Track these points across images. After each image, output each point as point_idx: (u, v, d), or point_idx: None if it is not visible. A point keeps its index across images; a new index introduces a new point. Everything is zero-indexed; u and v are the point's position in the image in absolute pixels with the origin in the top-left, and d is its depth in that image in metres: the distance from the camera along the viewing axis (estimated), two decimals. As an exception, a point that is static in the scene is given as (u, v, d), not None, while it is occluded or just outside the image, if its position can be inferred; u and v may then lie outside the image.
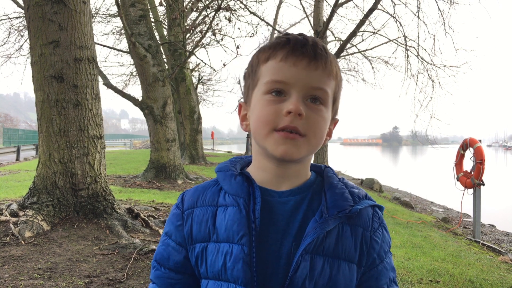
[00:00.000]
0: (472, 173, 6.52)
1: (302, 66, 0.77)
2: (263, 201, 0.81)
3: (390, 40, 12.70)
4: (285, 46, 0.79)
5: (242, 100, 0.90)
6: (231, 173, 0.86)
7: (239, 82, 20.54)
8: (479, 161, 6.31)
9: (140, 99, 9.22)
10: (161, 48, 10.53)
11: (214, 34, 10.41)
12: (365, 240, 0.82)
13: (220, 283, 0.79)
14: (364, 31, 12.45)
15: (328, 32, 12.70)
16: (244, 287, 0.76)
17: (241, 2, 10.59)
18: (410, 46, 12.52)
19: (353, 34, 11.16)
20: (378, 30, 12.63)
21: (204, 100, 26.55)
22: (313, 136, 0.78)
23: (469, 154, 6.80)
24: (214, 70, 23.78)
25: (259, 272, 0.77)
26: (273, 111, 0.77)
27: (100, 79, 7.31)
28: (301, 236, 0.79)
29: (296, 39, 0.79)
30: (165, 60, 12.51)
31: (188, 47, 13.86)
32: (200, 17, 14.67)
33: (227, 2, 9.80)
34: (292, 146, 0.77)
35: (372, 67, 16.14)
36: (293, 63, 0.77)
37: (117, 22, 15.97)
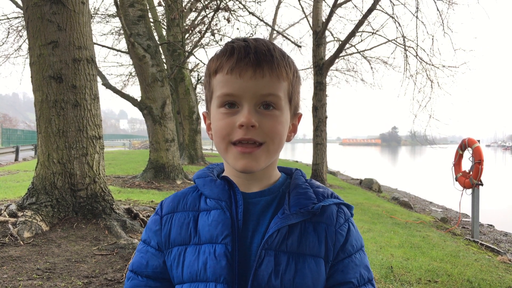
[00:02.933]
0: (471, 173, 6.53)
1: (248, 77, 0.77)
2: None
3: (389, 41, 12.71)
4: (230, 57, 0.79)
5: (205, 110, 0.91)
6: (211, 179, 0.88)
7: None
8: (478, 161, 6.32)
9: (139, 99, 9.21)
10: (160, 48, 10.53)
11: (213, 34, 10.41)
12: (330, 234, 0.83)
13: (196, 285, 0.79)
14: (363, 31, 12.48)
15: (327, 32, 12.70)
16: (226, 285, 0.77)
17: (240, 3, 10.58)
18: (409, 47, 12.54)
19: (352, 34, 11.18)
20: (377, 31, 12.64)
21: (203, 100, 26.48)
22: (272, 142, 0.80)
23: (467, 154, 6.81)
24: (213, 70, 23.72)
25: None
26: (226, 125, 0.79)
27: (99, 79, 7.29)
28: None
29: (240, 47, 0.79)
30: (164, 60, 12.50)
31: (187, 47, 13.85)
32: (199, 17, 14.66)
33: (226, 2, 9.79)
34: (250, 160, 0.78)
35: (371, 67, 16.18)
36: (239, 75, 0.78)
37: (116, 22, 16.00)
